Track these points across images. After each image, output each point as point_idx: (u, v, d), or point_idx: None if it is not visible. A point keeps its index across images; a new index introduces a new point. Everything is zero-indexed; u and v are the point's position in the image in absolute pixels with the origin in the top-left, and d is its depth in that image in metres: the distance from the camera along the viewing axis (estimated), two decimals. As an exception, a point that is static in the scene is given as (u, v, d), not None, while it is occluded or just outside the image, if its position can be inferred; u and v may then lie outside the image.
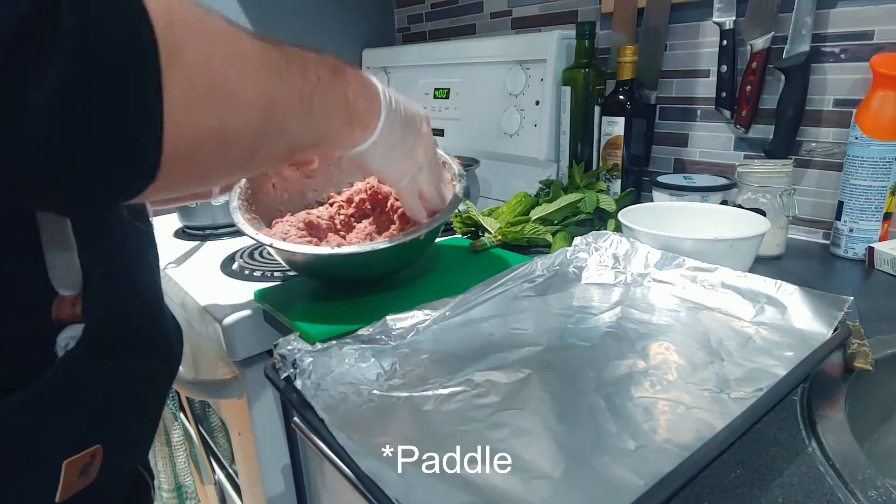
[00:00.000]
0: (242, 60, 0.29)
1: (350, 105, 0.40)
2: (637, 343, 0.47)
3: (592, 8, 0.97)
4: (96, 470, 0.36)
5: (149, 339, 0.42)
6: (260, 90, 0.30)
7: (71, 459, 0.33)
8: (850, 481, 0.32)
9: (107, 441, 0.36)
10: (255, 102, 0.29)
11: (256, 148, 0.32)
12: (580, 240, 0.64)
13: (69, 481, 0.34)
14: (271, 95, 0.31)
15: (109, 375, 0.36)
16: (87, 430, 0.35)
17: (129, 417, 0.40)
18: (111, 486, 0.41)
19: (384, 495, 0.31)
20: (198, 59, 0.25)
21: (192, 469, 0.89)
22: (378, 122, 0.43)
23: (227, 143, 0.29)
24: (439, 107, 1.17)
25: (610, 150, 0.86)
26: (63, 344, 0.33)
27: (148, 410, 0.44)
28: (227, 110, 0.27)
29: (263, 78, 0.30)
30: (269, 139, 0.32)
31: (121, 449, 0.39)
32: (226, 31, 0.28)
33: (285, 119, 0.33)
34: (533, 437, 0.36)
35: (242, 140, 0.30)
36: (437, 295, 0.53)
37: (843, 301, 0.47)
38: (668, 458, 0.33)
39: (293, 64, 0.33)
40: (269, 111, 0.31)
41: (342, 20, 1.35)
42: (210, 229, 0.89)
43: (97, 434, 0.36)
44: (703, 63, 0.84)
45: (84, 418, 0.35)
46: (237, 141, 0.29)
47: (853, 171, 0.66)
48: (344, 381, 0.42)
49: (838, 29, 0.70)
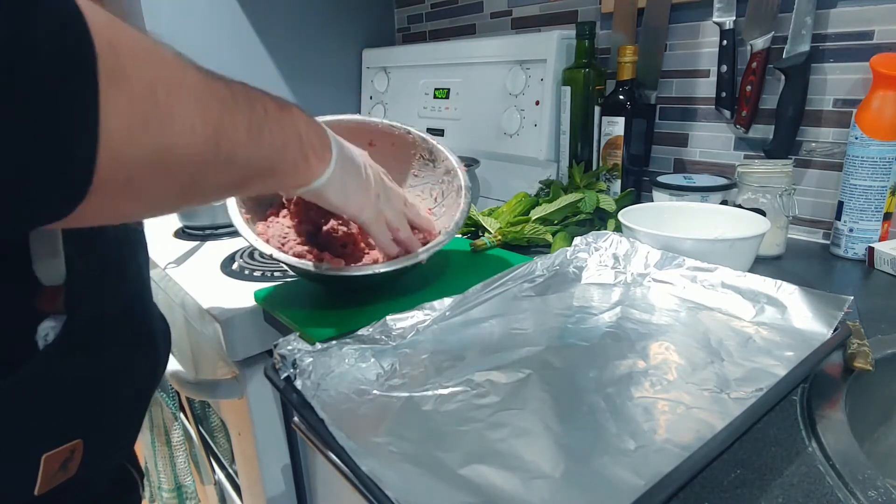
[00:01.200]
0: (188, 90, 0.29)
1: (303, 138, 0.41)
2: (637, 343, 0.47)
3: (592, 8, 0.97)
4: (76, 465, 0.36)
5: (133, 336, 0.42)
6: (206, 119, 0.30)
7: (50, 453, 0.34)
8: (850, 481, 0.32)
9: (88, 436, 0.36)
10: (200, 131, 0.29)
11: (202, 176, 0.31)
12: (580, 240, 0.64)
13: (48, 475, 0.34)
14: (217, 125, 0.31)
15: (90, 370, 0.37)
16: (67, 425, 0.35)
17: (112, 413, 0.40)
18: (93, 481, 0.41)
19: (384, 495, 0.31)
20: (142, 84, 0.25)
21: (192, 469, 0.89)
22: (332, 155, 0.44)
23: (170, 170, 0.28)
24: (439, 107, 1.17)
25: (610, 150, 0.86)
26: (43, 335, 0.33)
27: (131, 407, 0.44)
28: (170, 136, 0.27)
29: (209, 108, 0.30)
30: (216, 168, 0.32)
31: (102, 444, 0.39)
32: (172, 62, 0.28)
33: (234, 148, 0.33)
34: (533, 437, 0.36)
35: (186, 167, 0.29)
36: (437, 295, 0.53)
37: (843, 301, 0.47)
38: (668, 458, 0.33)
39: (239, 98, 0.33)
40: (215, 140, 0.31)
41: (342, 20, 1.35)
42: (210, 229, 0.89)
43: (78, 429, 0.36)
44: (703, 63, 0.84)
45: (64, 413, 0.35)
46: (180, 168, 0.29)
47: (853, 171, 0.66)
48: (344, 381, 0.42)
49: (838, 29, 0.70)
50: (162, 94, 0.26)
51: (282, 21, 1.26)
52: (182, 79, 0.28)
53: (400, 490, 0.31)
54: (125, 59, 0.24)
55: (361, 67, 1.38)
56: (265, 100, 0.37)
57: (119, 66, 0.24)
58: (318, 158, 0.43)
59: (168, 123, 0.27)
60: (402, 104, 1.26)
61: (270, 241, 0.55)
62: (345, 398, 0.41)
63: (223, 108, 0.31)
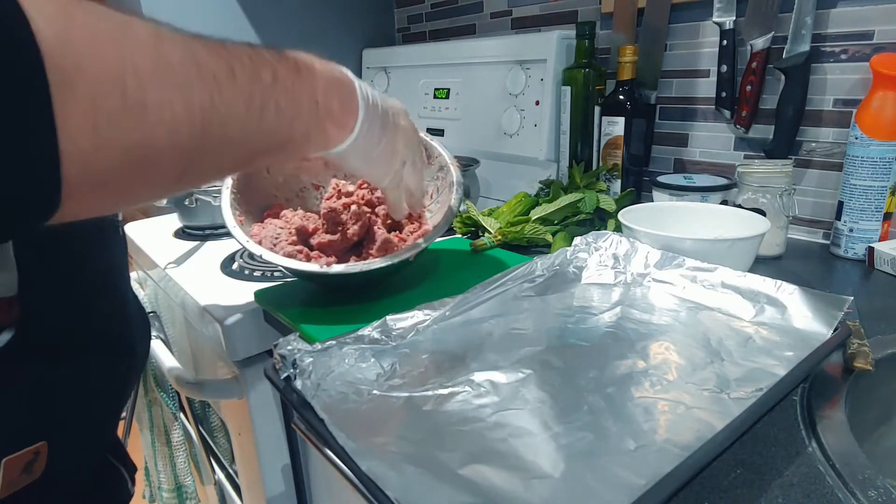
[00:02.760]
0: (167, 73, 0.26)
1: (320, 105, 0.37)
2: (637, 343, 0.47)
3: (592, 8, 0.97)
4: (41, 467, 0.35)
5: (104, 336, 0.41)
6: (188, 104, 0.27)
7: (11, 457, 0.33)
8: (850, 481, 0.32)
9: (54, 438, 0.35)
10: (182, 118, 0.27)
11: (192, 162, 0.29)
12: (580, 240, 0.64)
13: (10, 479, 0.33)
14: (205, 108, 0.28)
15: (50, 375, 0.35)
16: (28, 428, 0.35)
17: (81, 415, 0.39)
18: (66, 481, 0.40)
19: (384, 495, 0.31)
20: (106, 77, 0.23)
21: (192, 469, 0.89)
22: (356, 121, 0.41)
23: (151, 163, 0.26)
24: (439, 107, 1.17)
25: (610, 150, 0.86)
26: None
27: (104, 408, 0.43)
28: (144, 130, 0.25)
29: (194, 89, 0.27)
30: (207, 153, 0.30)
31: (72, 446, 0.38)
32: (145, 43, 0.25)
33: (227, 130, 0.30)
34: (533, 437, 0.36)
35: (171, 158, 0.27)
36: (437, 295, 0.53)
37: (843, 301, 0.47)
38: (668, 458, 0.33)
39: (238, 68, 0.30)
40: (203, 126, 0.28)
41: (342, 20, 1.35)
42: (210, 229, 0.89)
43: (41, 432, 0.35)
44: (703, 63, 0.84)
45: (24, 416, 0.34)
46: (164, 159, 0.27)
47: (853, 171, 0.66)
48: (344, 381, 0.42)
49: (838, 29, 0.70)
50: (131, 83, 0.24)
51: (282, 21, 1.26)
52: (157, 61, 0.25)
53: (400, 490, 0.31)
54: (80, 54, 0.22)
55: (361, 67, 1.38)
56: (276, 63, 0.34)
57: (73, 65, 0.22)
58: (337, 126, 0.40)
59: (140, 116, 0.24)
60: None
61: (263, 242, 0.56)
62: (345, 398, 0.41)
63: (214, 87, 0.29)
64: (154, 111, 0.25)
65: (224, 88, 0.29)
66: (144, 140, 0.25)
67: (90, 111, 0.22)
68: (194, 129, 0.28)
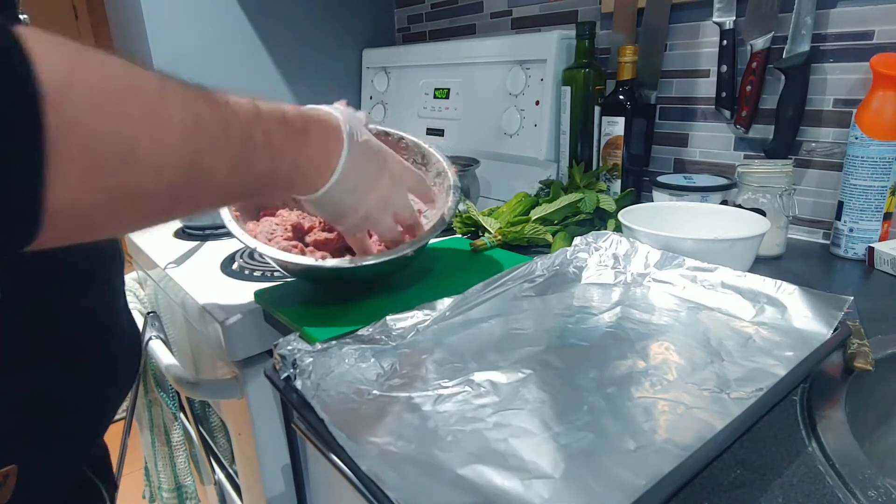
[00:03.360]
0: (163, 130, 0.27)
1: (299, 167, 0.40)
2: (637, 343, 0.47)
3: (592, 8, 0.97)
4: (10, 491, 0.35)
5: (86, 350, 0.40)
6: (178, 159, 0.28)
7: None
8: (850, 481, 0.32)
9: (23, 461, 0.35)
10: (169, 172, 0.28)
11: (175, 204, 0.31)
12: (580, 240, 0.64)
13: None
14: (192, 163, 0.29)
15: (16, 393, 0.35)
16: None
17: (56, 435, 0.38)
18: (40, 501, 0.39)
19: (384, 495, 0.31)
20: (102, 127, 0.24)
21: (192, 469, 0.89)
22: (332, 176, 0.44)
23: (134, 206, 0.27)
24: (439, 107, 1.17)
25: (610, 150, 0.86)
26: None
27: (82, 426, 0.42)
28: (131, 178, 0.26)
29: (186, 147, 0.29)
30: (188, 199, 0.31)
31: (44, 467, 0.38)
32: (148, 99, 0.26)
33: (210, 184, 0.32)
34: (533, 437, 0.36)
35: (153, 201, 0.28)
36: (437, 295, 0.53)
37: (843, 301, 0.47)
38: (668, 458, 0.33)
39: (233, 129, 0.32)
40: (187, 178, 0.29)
41: (342, 20, 1.35)
42: (210, 229, 0.89)
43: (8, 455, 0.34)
44: (703, 63, 0.83)
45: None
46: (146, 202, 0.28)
47: (853, 171, 0.66)
48: (344, 381, 0.42)
49: (838, 29, 0.70)
50: (126, 135, 0.25)
51: (282, 21, 1.26)
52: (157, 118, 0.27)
53: (400, 490, 0.31)
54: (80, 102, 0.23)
55: (361, 67, 1.38)
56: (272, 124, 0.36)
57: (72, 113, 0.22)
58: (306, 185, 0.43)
59: (129, 166, 0.25)
60: (402, 104, 1.26)
61: (258, 236, 0.56)
62: (345, 398, 0.41)
63: (206, 146, 0.30)
64: (142, 164, 0.26)
65: (216, 148, 0.31)
66: (130, 185, 0.26)
67: (82, 156, 0.23)
68: (176, 183, 0.29)
